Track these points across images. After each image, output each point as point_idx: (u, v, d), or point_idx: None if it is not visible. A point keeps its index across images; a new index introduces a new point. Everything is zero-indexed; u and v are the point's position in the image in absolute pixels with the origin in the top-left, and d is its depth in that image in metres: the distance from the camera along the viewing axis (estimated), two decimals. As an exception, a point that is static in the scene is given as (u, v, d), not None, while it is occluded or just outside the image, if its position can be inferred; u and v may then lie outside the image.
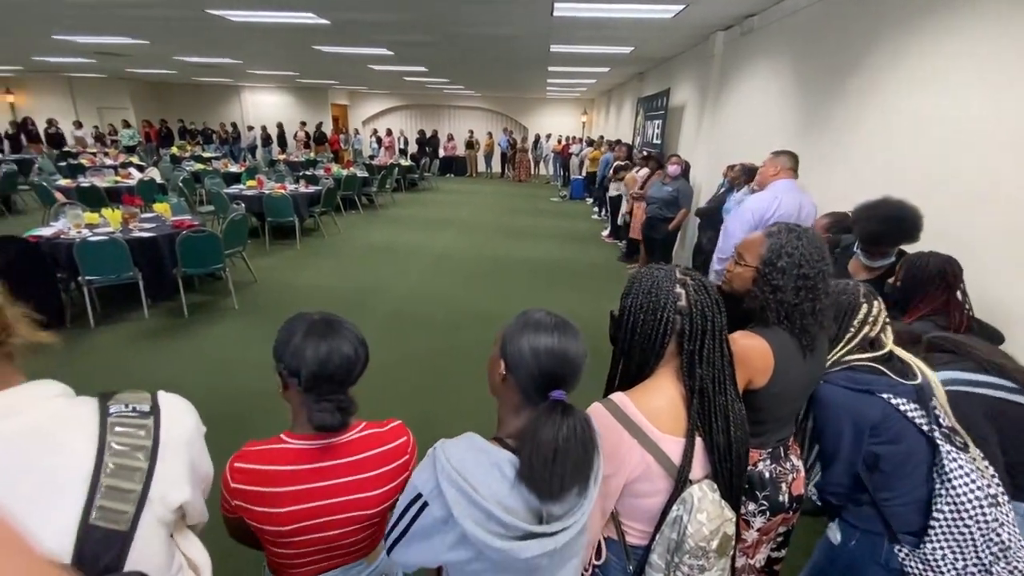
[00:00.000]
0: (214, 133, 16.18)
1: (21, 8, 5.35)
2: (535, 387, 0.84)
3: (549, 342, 0.83)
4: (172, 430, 0.69)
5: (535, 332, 0.85)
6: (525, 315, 0.89)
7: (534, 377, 0.83)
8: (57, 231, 4.53)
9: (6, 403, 0.61)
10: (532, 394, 0.84)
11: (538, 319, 0.87)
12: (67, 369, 3.66)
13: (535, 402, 0.83)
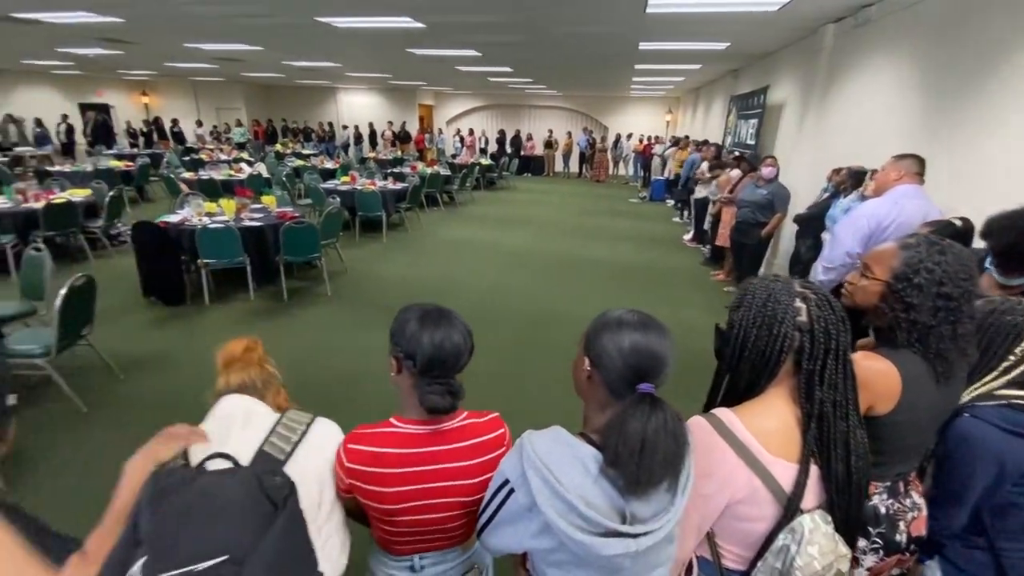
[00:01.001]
0: (312, 132, 17.42)
1: (165, 19, 6.06)
2: (621, 383, 0.84)
3: (634, 338, 0.83)
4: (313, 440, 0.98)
5: (618, 329, 0.85)
6: (607, 314, 0.90)
7: (620, 373, 0.83)
8: (182, 218, 5.09)
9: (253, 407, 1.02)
10: (618, 390, 0.84)
11: (621, 316, 0.88)
12: (187, 340, 4.12)
13: (621, 397, 0.83)
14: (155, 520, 0.70)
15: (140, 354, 3.80)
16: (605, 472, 0.78)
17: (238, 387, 1.05)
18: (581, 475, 0.78)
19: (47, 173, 8.51)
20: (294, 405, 1.09)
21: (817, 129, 5.41)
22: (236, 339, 1.16)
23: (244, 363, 1.10)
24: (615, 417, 0.79)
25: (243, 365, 1.09)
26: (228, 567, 0.68)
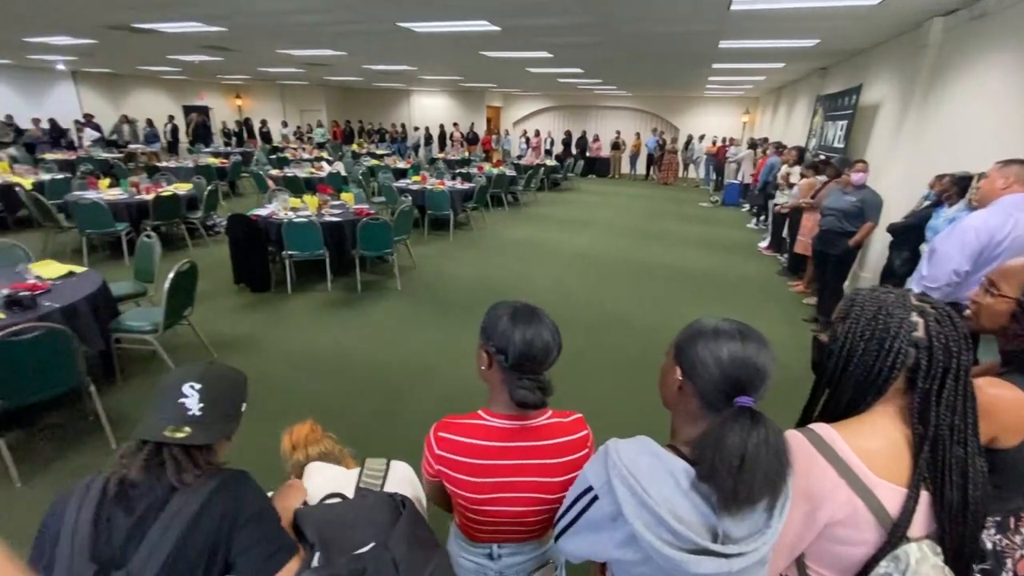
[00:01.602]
0: (386, 133, 18.18)
1: (263, 27, 6.55)
2: (717, 395, 0.80)
3: (733, 348, 0.80)
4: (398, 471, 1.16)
5: (715, 338, 0.82)
6: (700, 322, 0.86)
7: (716, 384, 0.80)
8: (270, 212, 5.48)
9: None
10: (714, 402, 0.81)
11: (718, 325, 0.84)
12: (272, 325, 4.43)
13: (717, 409, 0.80)
14: (319, 530, 0.92)
15: (230, 335, 4.14)
16: (697, 486, 0.75)
17: (319, 457, 1.26)
18: (671, 488, 0.76)
19: (155, 168, 9.44)
20: None
21: (917, 132, 4.97)
22: (299, 424, 1.36)
23: (314, 438, 1.30)
24: (711, 430, 0.76)
25: (315, 439, 1.29)
26: (379, 548, 0.88)
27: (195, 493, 0.91)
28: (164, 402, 0.96)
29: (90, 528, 0.88)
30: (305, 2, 4.95)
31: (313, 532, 0.92)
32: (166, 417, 0.94)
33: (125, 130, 14.20)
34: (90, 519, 0.88)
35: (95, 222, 5.72)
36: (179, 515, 0.89)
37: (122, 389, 3.28)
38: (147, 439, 0.94)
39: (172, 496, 0.91)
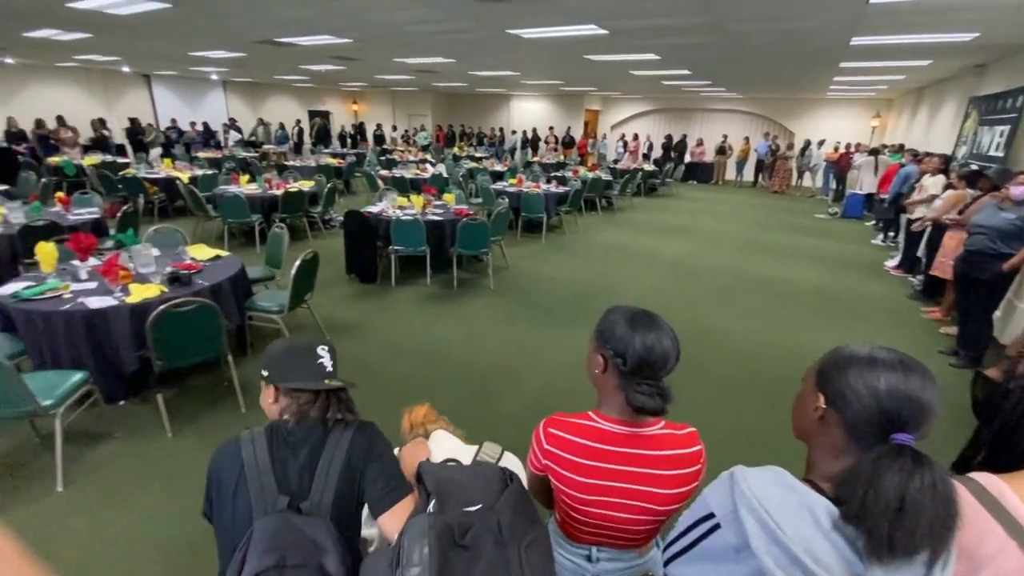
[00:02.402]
0: (484, 136, 18.76)
1: (384, 38, 7.07)
2: (870, 429, 0.73)
3: (893, 379, 0.72)
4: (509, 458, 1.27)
5: (871, 367, 0.74)
6: (850, 348, 0.79)
7: (870, 417, 0.72)
8: (380, 209, 5.89)
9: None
10: (864, 436, 0.73)
11: (873, 353, 0.76)
12: (377, 313, 4.75)
13: (867, 445, 0.72)
14: (438, 482, 0.99)
15: (340, 320, 4.51)
16: (841, 528, 0.68)
17: None
18: (809, 526, 0.69)
19: (284, 167, 10.54)
20: None
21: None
22: (417, 406, 1.55)
23: (431, 419, 1.48)
24: (862, 466, 0.69)
25: (431, 420, 1.48)
26: (486, 510, 0.94)
27: (344, 433, 1.12)
28: (306, 362, 1.14)
29: (270, 466, 1.04)
30: (423, 13, 5.27)
31: (432, 483, 0.99)
32: (315, 373, 1.12)
33: (260, 132, 16.01)
34: (268, 459, 1.05)
35: (235, 213, 6.52)
36: (337, 451, 1.09)
37: (251, 361, 3.71)
38: (306, 388, 1.12)
39: (327, 437, 1.10)
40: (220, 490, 1.06)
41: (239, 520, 1.02)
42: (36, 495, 2.42)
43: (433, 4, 4.86)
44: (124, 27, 6.63)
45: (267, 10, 5.40)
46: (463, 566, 0.85)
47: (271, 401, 1.16)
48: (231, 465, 1.06)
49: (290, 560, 0.93)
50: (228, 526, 1.04)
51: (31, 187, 7.18)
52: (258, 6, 5.21)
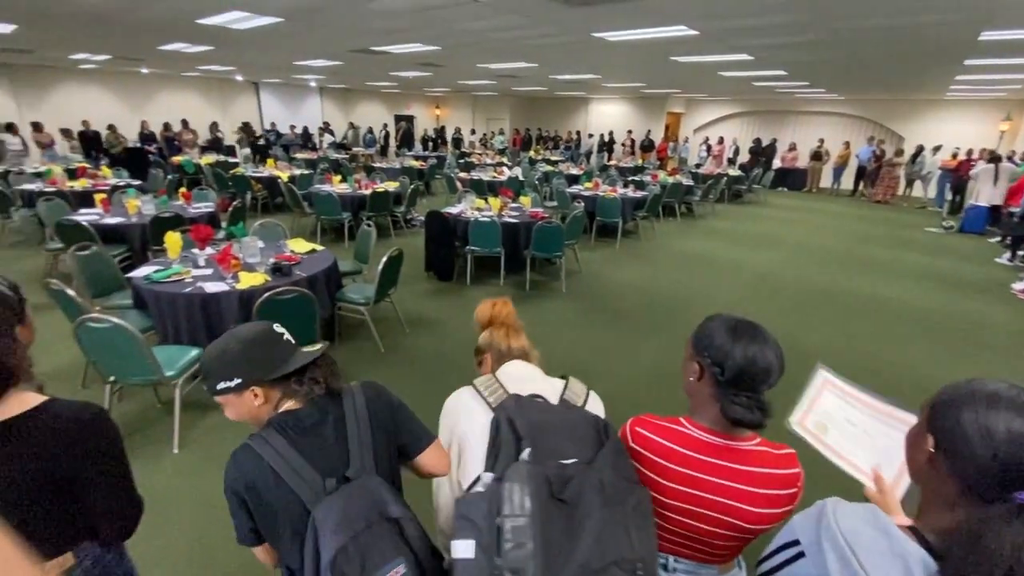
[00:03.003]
0: (560, 140, 18.76)
1: (470, 45, 7.30)
2: (985, 480, 0.64)
3: (1017, 425, 0.63)
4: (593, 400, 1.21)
5: (991, 407, 0.65)
6: (971, 384, 0.69)
7: (985, 468, 0.64)
8: (459, 211, 6.07)
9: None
10: (980, 487, 0.65)
11: (998, 390, 0.66)
12: (453, 310, 4.89)
13: (987, 499, 0.64)
14: (530, 427, 0.97)
15: (419, 315, 4.70)
16: None
17: (520, 354, 1.33)
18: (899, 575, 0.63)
19: (372, 168, 11.15)
20: None
21: None
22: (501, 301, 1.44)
23: (518, 326, 1.40)
24: (971, 527, 0.61)
25: (518, 328, 1.39)
26: (584, 466, 0.93)
27: (356, 397, 1.09)
28: (276, 346, 1.06)
29: (302, 459, 0.98)
30: (510, 19, 5.37)
31: (525, 427, 0.97)
32: (290, 350, 1.07)
33: (351, 135, 17.06)
34: (295, 453, 0.98)
35: (328, 210, 7.00)
36: (360, 415, 1.06)
37: (339, 348, 3.96)
38: (296, 367, 1.05)
39: (342, 404, 1.06)
40: (260, 503, 0.98)
41: (292, 520, 0.97)
42: (155, 454, 2.73)
43: (521, 10, 4.94)
44: (241, 40, 7.35)
45: (367, 21, 5.76)
46: (563, 523, 0.85)
47: (258, 404, 1.05)
48: (262, 475, 0.97)
49: (358, 527, 0.92)
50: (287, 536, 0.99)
51: (159, 183, 8.13)
52: (359, 18, 5.57)
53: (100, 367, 2.69)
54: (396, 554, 0.94)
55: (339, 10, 5.23)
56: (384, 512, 0.97)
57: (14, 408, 0.93)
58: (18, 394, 0.95)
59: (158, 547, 2.15)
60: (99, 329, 2.46)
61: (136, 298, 3.36)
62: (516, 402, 1.06)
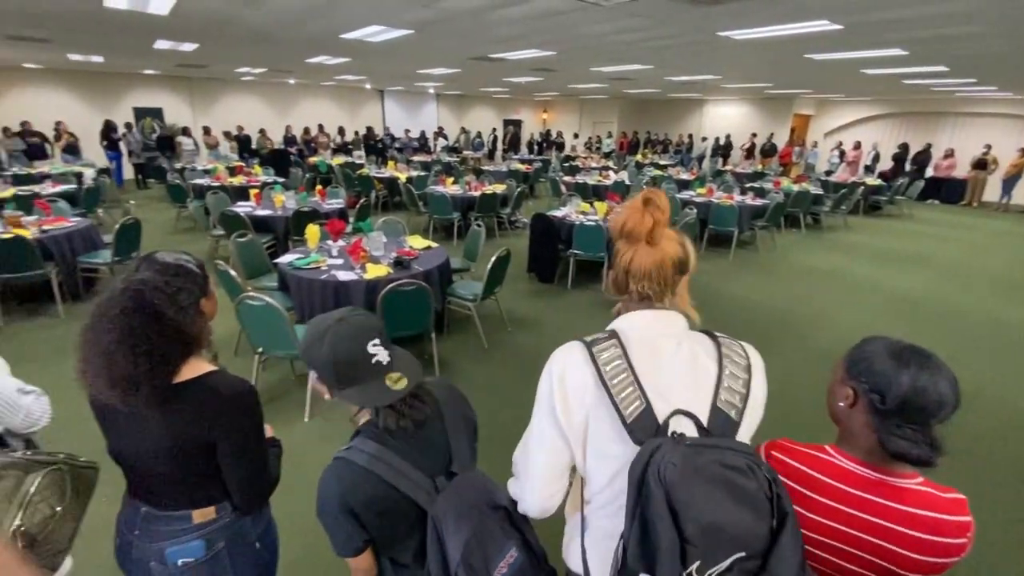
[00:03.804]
0: (671, 143, 18.04)
1: (585, 49, 7.30)
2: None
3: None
4: (756, 367, 0.92)
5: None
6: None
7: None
8: (564, 214, 6.09)
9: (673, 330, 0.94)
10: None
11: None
12: (552, 312, 4.92)
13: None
14: (703, 532, 0.70)
15: (520, 314, 4.80)
16: None
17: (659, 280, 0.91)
18: None
19: (480, 171, 11.59)
20: None
21: None
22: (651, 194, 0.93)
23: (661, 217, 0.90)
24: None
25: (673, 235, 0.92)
26: (751, 562, 0.72)
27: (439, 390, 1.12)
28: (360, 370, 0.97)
29: (408, 465, 0.99)
30: (630, 22, 5.29)
31: (695, 532, 0.72)
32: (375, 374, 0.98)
33: (463, 140, 17.86)
34: (400, 461, 0.99)
35: (441, 210, 7.40)
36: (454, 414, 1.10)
37: (446, 340, 4.18)
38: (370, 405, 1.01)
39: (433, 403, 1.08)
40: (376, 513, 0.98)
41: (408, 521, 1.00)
42: (288, 421, 3.08)
43: (643, 13, 4.84)
44: (375, 52, 8.02)
45: (488, 30, 6.00)
46: None
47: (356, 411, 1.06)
48: (371, 486, 0.97)
49: (474, 519, 0.96)
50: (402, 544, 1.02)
51: (298, 180, 9.15)
52: (481, 27, 5.82)
53: (252, 339, 3.10)
54: (507, 539, 0.98)
55: (464, 21, 5.51)
56: (492, 501, 1.01)
57: (189, 373, 1.07)
58: (195, 360, 1.10)
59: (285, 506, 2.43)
60: (255, 306, 2.83)
61: (281, 281, 3.83)
62: (681, 473, 0.72)
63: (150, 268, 1.07)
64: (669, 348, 0.90)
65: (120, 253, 4.83)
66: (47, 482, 1.03)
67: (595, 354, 0.88)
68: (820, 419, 1.00)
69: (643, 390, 0.85)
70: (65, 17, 5.92)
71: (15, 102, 12.07)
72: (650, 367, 0.87)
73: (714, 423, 0.83)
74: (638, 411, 0.83)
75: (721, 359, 0.90)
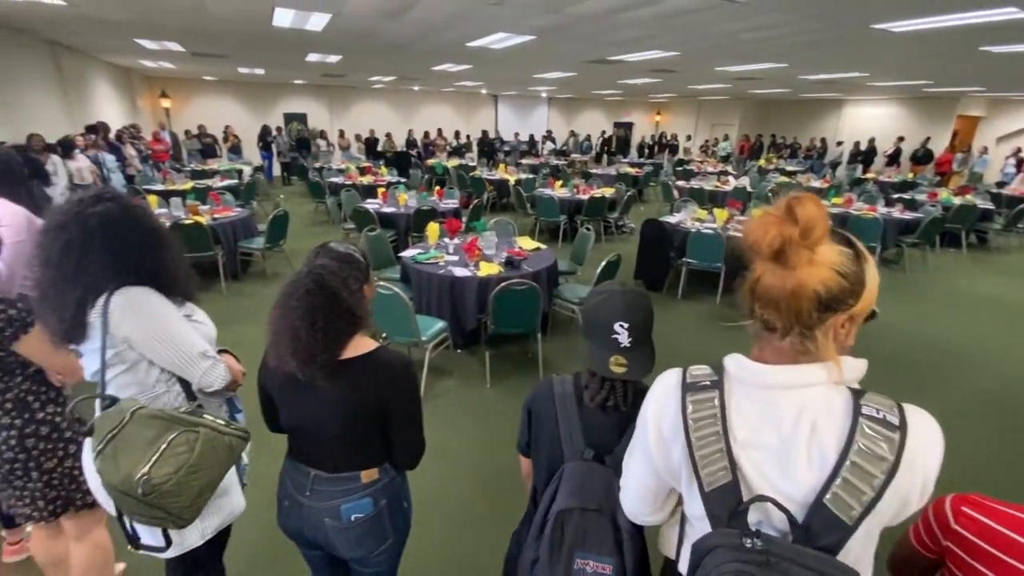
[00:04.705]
0: (799, 147, 16.48)
1: (713, 48, 6.94)
2: None
3: None
4: (916, 458, 0.69)
5: None
6: None
7: None
8: (678, 220, 5.85)
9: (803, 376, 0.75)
10: None
11: None
12: (660, 322, 4.76)
13: None
14: None
15: (626, 323, 4.68)
16: None
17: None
18: None
19: (588, 174, 11.51)
20: None
21: None
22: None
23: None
24: None
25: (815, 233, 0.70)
26: None
27: None
28: (599, 336, 1.08)
29: (578, 420, 1.12)
30: (770, 18, 4.92)
31: None
32: (608, 346, 1.07)
33: (572, 143, 17.87)
34: (576, 412, 1.12)
35: (548, 212, 7.48)
36: None
37: (551, 341, 4.22)
38: (595, 372, 1.10)
39: (635, 401, 1.09)
40: (538, 429, 1.18)
41: (552, 459, 1.13)
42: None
43: (783, 8, 4.49)
44: (495, 58, 8.32)
45: (610, 33, 5.95)
46: None
47: None
48: (547, 410, 1.15)
49: (590, 505, 1.02)
50: (542, 462, 1.17)
51: (417, 181, 9.78)
52: (606, 29, 5.78)
53: (377, 325, 3.38)
54: (611, 554, 1.01)
55: (587, 25, 5.51)
56: (614, 513, 1.03)
57: (359, 348, 1.22)
58: (361, 337, 1.24)
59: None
60: (384, 295, 3.08)
61: (403, 273, 4.12)
62: None
63: (326, 256, 1.22)
64: (787, 412, 0.73)
65: (271, 240, 5.52)
66: (180, 440, 1.13)
67: (687, 404, 0.78)
68: (987, 474, 0.83)
69: (732, 459, 0.72)
70: (241, 36, 6.90)
71: (195, 109, 14.31)
72: (751, 431, 0.74)
73: (815, 521, 0.68)
74: (720, 483, 0.73)
75: (851, 442, 0.69)
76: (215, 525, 1.37)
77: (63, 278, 1.18)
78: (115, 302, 1.20)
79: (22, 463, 1.51)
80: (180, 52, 8.54)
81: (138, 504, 1.08)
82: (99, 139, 7.66)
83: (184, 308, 1.35)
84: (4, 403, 1.50)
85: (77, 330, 1.20)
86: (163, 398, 1.31)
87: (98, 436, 1.10)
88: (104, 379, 1.24)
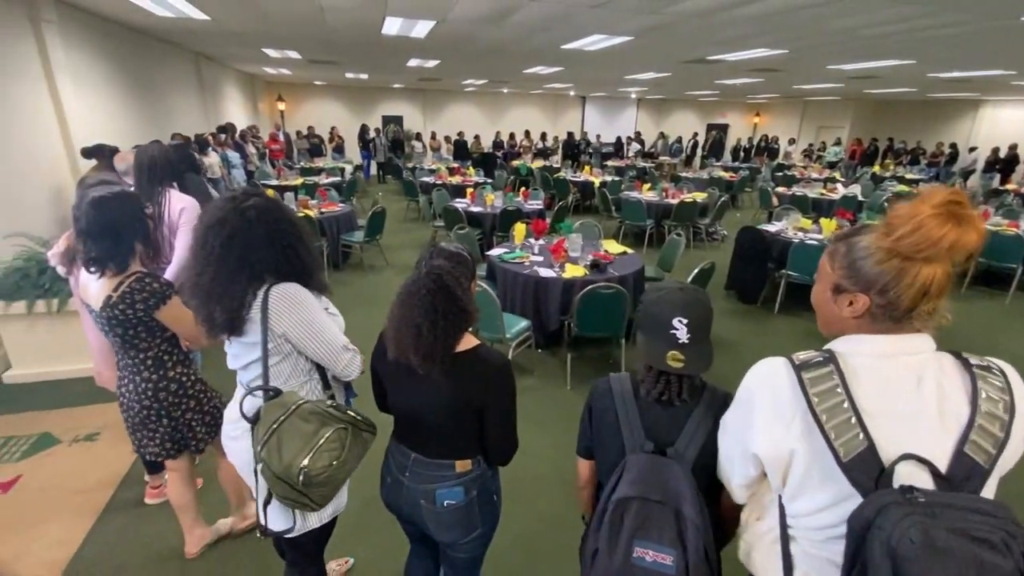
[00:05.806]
0: (922, 153, 14.75)
1: (827, 44, 6.43)
2: None
3: None
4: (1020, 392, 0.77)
5: None
6: None
7: None
8: (779, 229, 5.48)
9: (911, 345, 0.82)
10: None
11: None
12: (752, 337, 4.46)
13: None
14: None
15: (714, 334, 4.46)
16: None
17: None
18: None
19: (678, 178, 11.10)
20: None
21: None
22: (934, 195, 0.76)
23: None
24: None
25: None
26: None
27: (715, 395, 1.13)
28: (658, 331, 1.09)
29: (638, 413, 1.12)
30: (899, 11, 4.47)
31: None
32: (664, 341, 1.08)
33: (660, 145, 17.32)
34: (635, 407, 1.13)
35: (633, 215, 7.32)
36: (708, 412, 1.10)
37: (633, 347, 4.13)
38: (652, 366, 1.11)
39: (702, 396, 1.13)
40: (600, 427, 1.17)
41: (612, 452, 1.14)
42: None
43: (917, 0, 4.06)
44: (589, 60, 8.28)
45: (711, 32, 5.70)
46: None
47: None
48: (607, 407, 1.16)
49: (652, 496, 1.01)
50: (604, 459, 1.18)
51: (503, 181, 9.98)
52: (707, 28, 5.55)
53: (465, 319, 3.50)
54: (672, 545, 0.99)
55: (688, 24, 5.32)
56: (678, 504, 1.01)
57: (465, 343, 1.27)
58: (466, 334, 1.30)
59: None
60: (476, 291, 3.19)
61: (488, 271, 4.24)
62: (919, 552, 0.65)
63: (441, 256, 1.29)
64: (907, 381, 0.78)
65: (369, 234, 5.91)
66: (334, 436, 1.23)
67: (804, 380, 0.80)
68: None
69: (864, 426, 0.75)
70: (352, 43, 7.44)
71: (306, 111, 15.62)
72: (877, 401, 0.77)
73: (957, 470, 0.73)
74: (858, 450, 0.74)
75: (976, 396, 0.75)
76: (330, 512, 1.50)
77: (227, 272, 1.26)
78: (273, 297, 1.29)
79: (155, 411, 1.82)
80: (297, 59, 9.37)
81: (291, 490, 1.20)
82: (228, 138, 8.62)
83: (322, 301, 1.45)
84: (146, 360, 1.79)
85: (237, 323, 1.29)
86: (307, 386, 1.43)
87: (264, 426, 1.22)
88: (267, 371, 1.35)
